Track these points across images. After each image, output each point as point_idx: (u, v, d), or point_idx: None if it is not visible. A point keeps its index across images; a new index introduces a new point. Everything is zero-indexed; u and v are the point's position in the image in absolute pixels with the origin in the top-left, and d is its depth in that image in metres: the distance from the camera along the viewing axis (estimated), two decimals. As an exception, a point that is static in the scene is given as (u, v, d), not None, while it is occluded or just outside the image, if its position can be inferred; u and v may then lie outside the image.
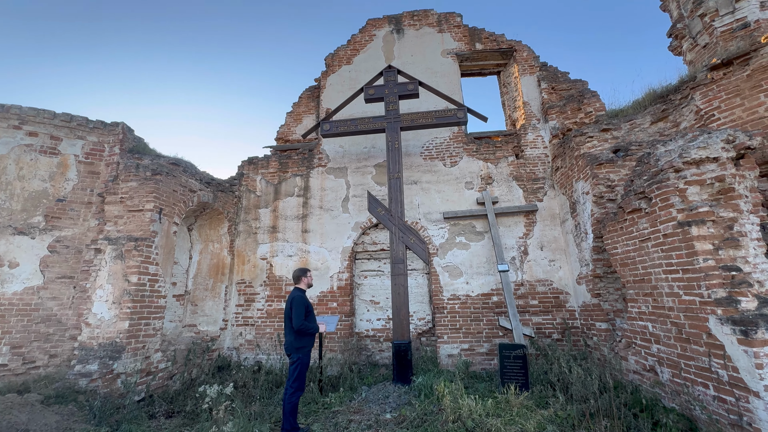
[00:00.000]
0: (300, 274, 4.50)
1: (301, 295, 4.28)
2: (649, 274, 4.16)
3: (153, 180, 5.34)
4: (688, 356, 3.63)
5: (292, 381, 3.94)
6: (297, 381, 3.95)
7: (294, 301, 4.16)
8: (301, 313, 4.07)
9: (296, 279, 4.50)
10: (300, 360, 4.02)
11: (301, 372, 4.01)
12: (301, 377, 4.00)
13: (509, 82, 8.50)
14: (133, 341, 4.78)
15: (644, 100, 6.10)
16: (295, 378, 3.95)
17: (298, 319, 4.03)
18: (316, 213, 7.59)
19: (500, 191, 7.31)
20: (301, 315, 4.05)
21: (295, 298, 4.19)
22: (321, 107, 8.40)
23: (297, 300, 4.16)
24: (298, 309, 4.08)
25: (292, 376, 3.97)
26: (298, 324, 4.01)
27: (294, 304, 4.13)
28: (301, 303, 4.13)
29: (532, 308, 6.57)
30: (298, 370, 3.98)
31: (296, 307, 4.10)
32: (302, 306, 4.12)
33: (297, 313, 4.06)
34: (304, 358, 4.06)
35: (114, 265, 4.97)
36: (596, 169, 5.61)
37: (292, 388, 3.92)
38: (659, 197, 3.88)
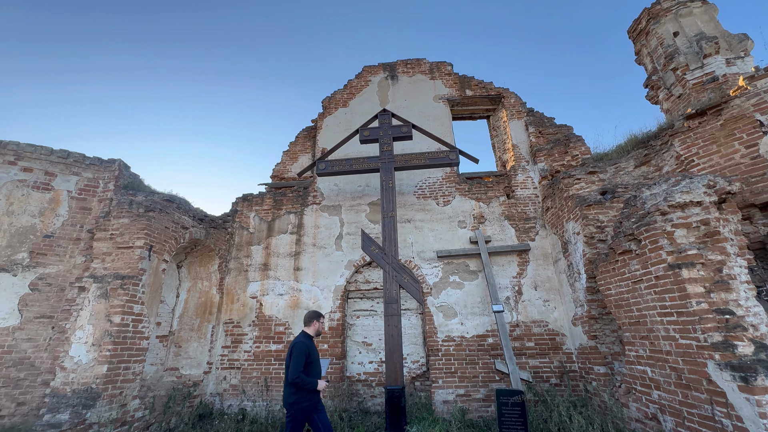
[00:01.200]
0: (313, 317, 4.09)
1: (304, 341, 3.81)
2: (644, 317, 4.14)
3: (145, 217, 5.31)
4: (690, 404, 3.52)
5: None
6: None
7: (295, 348, 3.73)
8: (301, 363, 3.63)
9: (307, 321, 4.08)
10: (293, 417, 3.62)
11: (293, 427, 3.62)
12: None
13: (498, 126, 8.88)
14: (110, 387, 4.50)
15: (627, 145, 6.39)
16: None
17: (295, 370, 3.59)
18: (309, 250, 7.53)
19: (493, 230, 7.38)
20: (299, 365, 3.61)
21: (296, 344, 3.75)
22: (317, 146, 8.61)
23: (298, 347, 3.71)
24: (297, 358, 3.65)
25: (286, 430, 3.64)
26: (293, 376, 3.58)
27: (294, 351, 3.71)
28: (302, 351, 3.69)
29: (528, 350, 6.40)
30: (290, 426, 3.62)
31: (296, 355, 3.67)
32: (303, 355, 3.68)
33: (295, 363, 3.63)
34: (297, 416, 3.62)
35: (97, 304, 4.79)
36: (585, 210, 5.74)
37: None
38: (648, 239, 3.95)
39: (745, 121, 4.63)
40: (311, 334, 4.02)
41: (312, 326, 4.06)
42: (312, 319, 4.07)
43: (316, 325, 4.08)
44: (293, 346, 3.77)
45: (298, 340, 3.81)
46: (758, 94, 4.59)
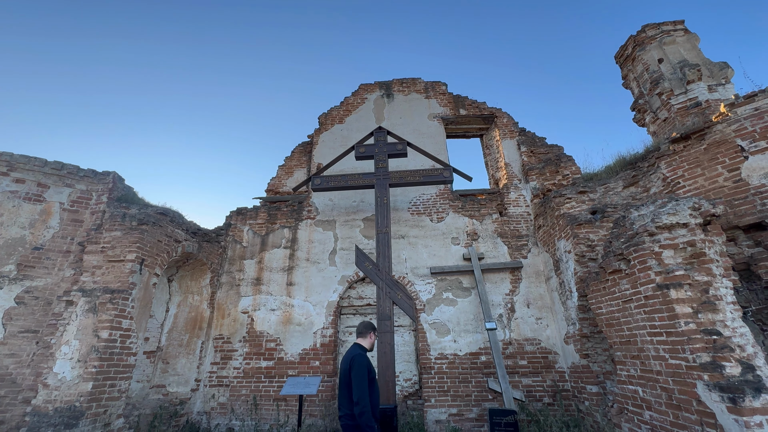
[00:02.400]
0: (369, 327, 3.56)
1: (364, 354, 3.24)
2: (635, 336, 4.18)
3: (138, 230, 5.27)
4: (681, 425, 3.54)
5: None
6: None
7: (354, 362, 3.10)
8: (364, 381, 3.01)
9: (360, 333, 3.55)
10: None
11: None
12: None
13: (491, 145, 9.07)
14: (95, 405, 4.37)
15: (615, 166, 6.56)
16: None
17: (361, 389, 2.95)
18: (303, 265, 7.50)
19: (485, 247, 7.44)
20: (363, 387, 2.98)
21: (355, 357, 3.13)
22: (313, 162, 8.69)
23: (358, 363, 3.08)
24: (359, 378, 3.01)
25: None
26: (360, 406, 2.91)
27: (354, 365, 3.07)
28: (363, 368, 3.06)
29: (521, 369, 6.38)
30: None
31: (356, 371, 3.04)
32: (364, 372, 3.05)
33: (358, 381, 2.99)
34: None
35: (85, 318, 4.70)
36: (576, 229, 5.84)
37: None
38: (637, 259, 4.03)
39: (727, 145, 4.81)
40: (366, 347, 3.46)
41: (368, 338, 3.51)
42: (368, 330, 3.53)
43: (372, 337, 3.54)
44: (351, 359, 3.15)
45: (357, 353, 3.21)
46: (738, 121, 4.79)
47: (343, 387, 3.14)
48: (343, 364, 3.24)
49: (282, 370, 6.61)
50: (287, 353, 6.75)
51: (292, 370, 6.59)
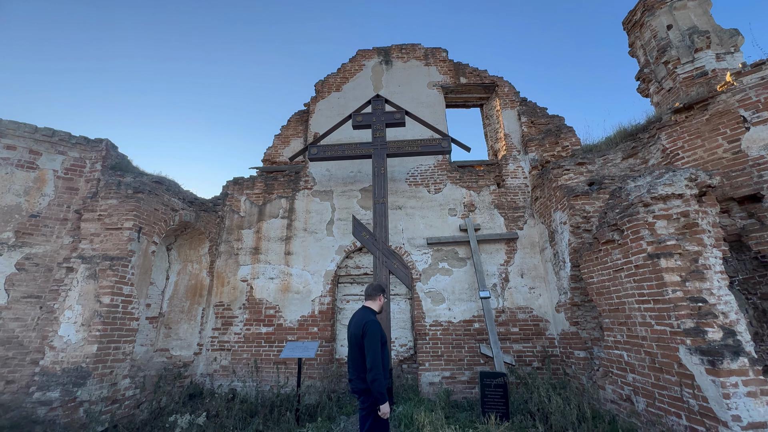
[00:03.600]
0: (377, 289, 3.45)
1: (374, 319, 3.19)
2: (623, 304, 4.30)
3: (134, 198, 5.26)
4: (662, 386, 3.72)
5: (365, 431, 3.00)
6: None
7: (367, 327, 3.06)
8: (377, 347, 3.00)
9: (369, 295, 3.44)
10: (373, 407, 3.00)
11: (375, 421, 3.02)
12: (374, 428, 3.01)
13: (491, 115, 8.90)
14: (101, 366, 4.54)
15: (615, 138, 6.49)
16: (367, 429, 3.00)
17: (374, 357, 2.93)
18: (300, 235, 7.56)
19: (482, 219, 7.49)
20: (377, 352, 2.97)
21: (368, 323, 3.08)
22: (309, 131, 8.54)
23: (371, 329, 3.05)
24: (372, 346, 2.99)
25: (363, 426, 3.03)
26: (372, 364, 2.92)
27: (368, 331, 3.04)
28: (376, 334, 3.05)
29: (512, 336, 6.61)
30: (371, 418, 3.00)
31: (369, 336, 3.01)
32: (377, 336, 3.05)
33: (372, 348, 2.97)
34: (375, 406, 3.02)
35: (86, 284, 4.79)
36: (573, 201, 5.86)
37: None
38: (630, 230, 4.08)
39: (729, 116, 4.74)
40: (376, 310, 3.39)
41: (377, 301, 3.43)
42: (378, 293, 3.44)
43: (381, 300, 3.45)
44: (364, 325, 3.09)
45: (368, 318, 3.15)
46: (743, 90, 4.69)
47: (355, 350, 3.13)
48: (354, 329, 3.19)
49: (281, 336, 6.83)
50: (286, 320, 6.94)
51: (292, 336, 6.80)
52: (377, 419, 3.00)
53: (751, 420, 2.94)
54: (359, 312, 3.35)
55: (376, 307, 3.41)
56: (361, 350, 3.08)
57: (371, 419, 3.00)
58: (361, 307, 3.45)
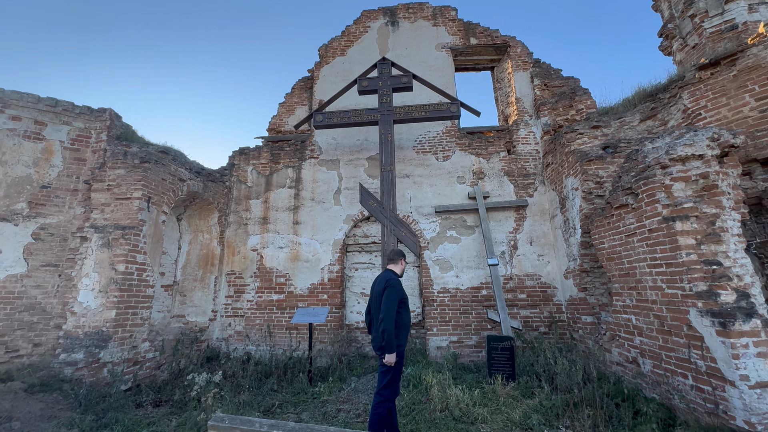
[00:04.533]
0: (398, 255, 3.55)
1: (398, 279, 3.31)
2: (634, 269, 4.26)
3: (141, 168, 5.25)
4: (669, 348, 3.74)
5: (381, 387, 3.14)
6: (388, 387, 3.13)
7: (389, 284, 3.18)
8: (394, 306, 3.10)
9: (391, 259, 3.55)
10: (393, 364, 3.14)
11: (395, 377, 3.18)
12: (394, 384, 3.18)
13: (502, 78, 8.53)
14: (120, 330, 4.73)
15: (634, 99, 6.18)
16: (385, 384, 3.13)
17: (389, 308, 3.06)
18: (308, 205, 7.56)
19: (491, 186, 7.37)
20: (393, 307, 3.09)
21: (390, 280, 3.21)
22: (314, 98, 8.33)
23: (393, 285, 3.17)
24: (390, 300, 3.10)
25: (381, 381, 3.16)
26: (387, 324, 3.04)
27: (389, 286, 3.16)
28: (396, 291, 3.16)
29: (520, 302, 6.67)
30: (390, 374, 3.15)
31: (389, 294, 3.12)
32: (398, 294, 3.16)
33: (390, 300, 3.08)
34: (398, 362, 3.17)
35: (100, 253, 4.90)
36: (586, 166, 5.69)
37: (380, 396, 3.13)
38: (646, 193, 3.96)
39: (759, 71, 4.44)
40: (398, 273, 3.49)
41: (399, 264, 3.54)
42: (399, 257, 3.55)
43: (402, 264, 3.58)
44: (386, 282, 3.22)
45: (392, 276, 3.30)
46: (777, 42, 4.36)
47: (377, 310, 3.25)
48: (377, 286, 3.31)
49: (292, 303, 7.00)
50: (297, 287, 7.09)
51: (302, 303, 6.97)
52: (395, 377, 3.15)
53: (760, 379, 2.95)
54: (382, 274, 3.47)
55: (398, 270, 3.53)
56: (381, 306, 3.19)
57: (390, 375, 3.14)
58: (385, 269, 3.58)
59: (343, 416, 3.97)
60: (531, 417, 3.91)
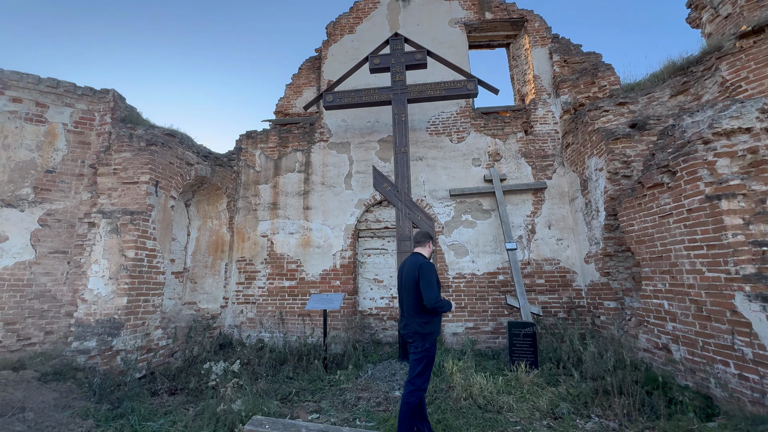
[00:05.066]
0: (426, 237, 3.38)
1: (430, 262, 3.18)
2: (669, 251, 4.03)
3: (148, 151, 5.06)
4: (708, 334, 3.54)
5: (414, 376, 2.98)
6: (421, 377, 2.98)
7: (423, 268, 3.03)
8: (434, 284, 2.99)
9: (418, 242, 3.40)
10: (427, 351, 2.99)
11: (428, 365, 3.01)
12: (427, 372, 3.02)
13: (519, 55, 8.14)
14: (132, 318, 4.62)
15: (662, 73, 5.83)
16: (418, 372, 2.97)
17: (431, 292, 2.93)
18: (318, 189, 7.35)
19: (508, 168, 7.09)
20: (433, 287, 2.97)
21: (423, 265, 3.06)
22: (322, 79, 8.02)
23: (426, 267, 3.04)
24: (427, 279, 2.97)
25: (414, 369, 3.00)
26: (433, 300, 2.92)
27: (422, 272, 3.01)
28: (431, 271, 3.04)
29: (538, 287, 6.49)
30: (424, 362, 2.98)
31: (426, 276, 2.99)
32: (433, 275, 3.04)
33: (427, 285, 2.95)
34: (431, 349, 3.02)
35: (109, 239, 4.75)
36: (612, 144, 5.40)
37: (412, 384, 2.96)
38: (685, 170, 3.69)
39: (809, 38, 4.10)
40: (426, 256, 3.32)
41: (427, 247, 3.37)
42: (426, 239, 3.37)
43: (430, 246, 3.41)
44: (419, 267, 3.07)
45: (423, 260, 3.14)
46: (831, 5, 4.00)
47: (408, 294, 3.11)
48: (408, 272, 3.15)
49: (304, 289, 6.87)
50: (308, 273, 6.95)
51: (314, 289, 6.84)
52: (428, 366, 3.01)
53: (815, 368, 2.75)
54: (410, 257, 3.30)
55: (426, 253, 3.36)
56: (415, 292, 3.06)
57: (423, 364, 2.98)
58: (411, 253, 3.39)
59: (364, 405, 3.85)
60: (559, 405, 3.76)
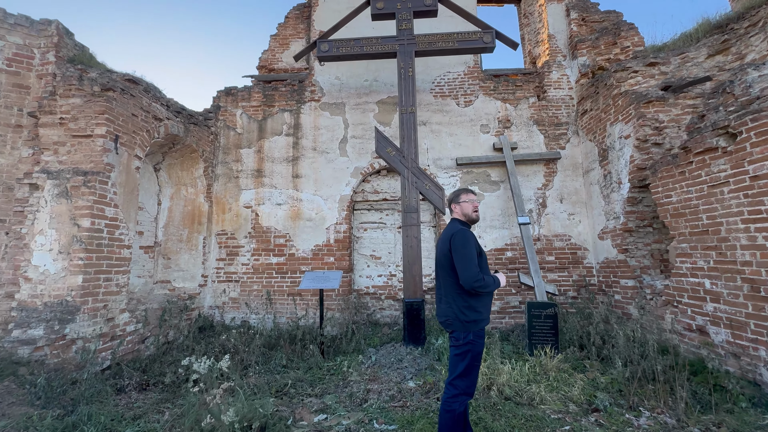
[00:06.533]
0: (453, 198, 2.63)
1: (462, 228, 2.44)
2: (718, 225, 3.59)
3: (104, 97, 4.10)
4: (765, 316, 3.15)
5: (455, 376, 2.31)
6: (465, 378, 2.30)
7: (455, 239, 2.36)
8: (471, 258, 2.28)
9: (449, 207, 2.70)
10: (472, 344, 2.30)
11: (473, 363, 2.31)
12: (473, 372, 2.33)
13: (532, 12, 7.40)
14: (91, 300, 3.82)
15: (697, 32, 5.28)
16: (461, 372, 2.30)
17: (467, 270, 2.24)
18: (309, 155, 6.54)
19: (519, 136, 6.50)
20: (471, 262, 2.26)
21: (456, 234, 2.38)
22: (312, 29, 7.03)
23: (460, 237, 2.35)
24: (463, 253, 2.29)
25: (455, 368, 2.33)
26: (472, 278, 2.23)
27: (455, 244, 2.34)
28: (467, 241, 2.32)
29: (548, 264, 6.08)
30: (468, 359, 2.29)
31: (459, 249, 2.31)
32: (470, 246, 2.32)
33: (464, 260, 2.27)
34: (477, 342, 2.32)
35: (57, 205, 3.86)
36: (644, 108, 4.87)
37: (455, 388, 2.30)
38: (754, 131, 3.19)
39: None
40: (461, 218, 2.57)
41: (459, 206, 2.57)
42: (456, 196, 2.62)
43: (458, 208, 2.58)
44: (450, 237, 2.39)
45: (456, 229, 2.42)
46: None
47: (443, 271, 2.44)
48: (441, 246, 2.48)
49: (294, 266, 6.19)
50: (299, 249, 6.24)
51: (305, 266, 6.17)
52: (473, 365, 2.32)
53: None
54: (447, 227, 2.58)
55: (459, 215, 2.58)
56: (450, 269, 2.39)
57: (467, 362, 2.29)
58: (450, 220, 2.66)
59: (375, 399, 3.30)
60: (596, 395, 3.34)
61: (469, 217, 2.55)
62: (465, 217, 2.56)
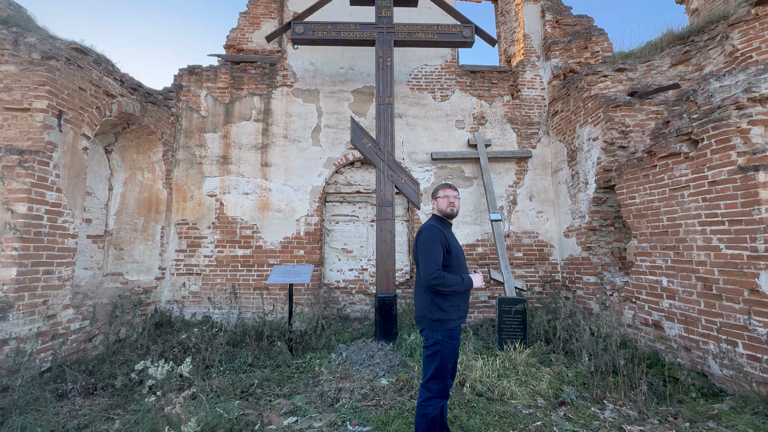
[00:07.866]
0: (436, 189, 2.57)
1: (432, 224, 2.41)
2: (677, 226, 3.79)
3: (45, 66, 3.62)
4: (715, 313, 3.38)
5: (427, 378, 2.27)
6: (435, 380, 2.25)
7: (419, 234, 2.38)
8: (433, 254, 2.25)
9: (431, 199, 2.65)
10: (440, 345, 2.25)
11: (442, 365, 2.25)
12: (444, 374, 2.26)
13: (509, 10, 7.46)
14: (27, 295, 3.40)
15: (661, 41, 5.54)
16: (432, 374, 2.25)
17: (427, 265, 2.23)
18: (280, 143, 6.23)
19: (493, 134, 6.57)
20: (431, 258, 2.24)
21: (423, 230, 2.38)
22: (286, 9, 6.66)
23: (425, 232, 2.34)
24: (425, 248, 2.28)
25: (426, 370, 2.29)
26: (429, 275, 2.21)
27: (419, 239, 2.36)
28: (430, 238, 2.29)
29: (516, 261, 6.23)
30: (437, 360, 2.24)
31: (422, 244, 2.30)
32: (433, 242, 2.28)
33: (425, 255, 2.26)
34: (447, 342, 2.26)
35: (-14, 187, 3.38)
36: (612, 112, 5.05)
37: (428, 390, 2.25)
38: (714, 138, 3.36)
39: (827, 9, 3.92)
40: (437, 213, 2.53)
41: (437, 200, 2.52)
42: (436, 191, 2.56)
43: (434, 204, 2.54)
44: (418, 232, 2.40)
45: (425, 225, 2.42)
46: None
47: (418, 270, 2.38)
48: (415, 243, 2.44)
49: (261, 259, 5.91)
50: (267, 241, 5.96)
51: (273, 260, 5.91)
52: (442, 366, 2.24)
53: (843, 351, 2.62)
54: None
55: (436, 209, 2.53)
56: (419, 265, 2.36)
57: (436, 363, 2.23)
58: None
59: (347, 399, 3.19)
60: (562, 389, 3.44)
61: (443, 212, 2.49)
62: (440, 212, 2.50)
